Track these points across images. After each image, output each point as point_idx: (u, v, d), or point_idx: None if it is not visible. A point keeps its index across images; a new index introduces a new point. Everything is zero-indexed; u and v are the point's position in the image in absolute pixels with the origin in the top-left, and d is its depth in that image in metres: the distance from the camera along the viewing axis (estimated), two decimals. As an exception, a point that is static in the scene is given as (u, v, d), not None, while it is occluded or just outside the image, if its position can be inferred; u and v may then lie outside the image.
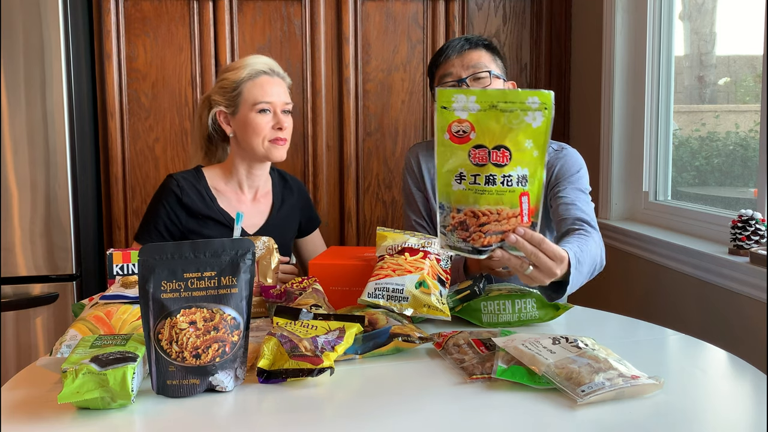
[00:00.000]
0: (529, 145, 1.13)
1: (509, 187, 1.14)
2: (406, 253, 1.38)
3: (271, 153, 1.72)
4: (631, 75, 2.30)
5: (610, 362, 1.05)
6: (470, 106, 1.13)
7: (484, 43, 1.71)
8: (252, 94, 1.70)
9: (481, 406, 1.00)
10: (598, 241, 1.49)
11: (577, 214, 1.55)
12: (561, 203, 1.60)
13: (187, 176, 1.75)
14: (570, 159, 1.69)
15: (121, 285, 1.29)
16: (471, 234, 1.17)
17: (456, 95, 1.14)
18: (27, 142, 2.12)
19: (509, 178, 1.14)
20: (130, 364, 0.99)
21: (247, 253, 1.10)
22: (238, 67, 1.73)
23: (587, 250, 1.40)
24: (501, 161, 1.14)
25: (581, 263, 1.33)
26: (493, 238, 1.17)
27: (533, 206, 1.16)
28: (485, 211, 1.16)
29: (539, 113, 1.12)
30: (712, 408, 1.05)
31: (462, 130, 1.14)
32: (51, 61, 2.11)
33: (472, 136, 1.14)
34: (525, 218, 1.16)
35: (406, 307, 1.29)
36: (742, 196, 1.91)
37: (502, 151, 1.13)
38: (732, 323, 1.70)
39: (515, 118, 1.12)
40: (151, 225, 1.72)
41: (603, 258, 1.50)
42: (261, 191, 1.82)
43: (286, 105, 1.74)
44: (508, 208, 1.15)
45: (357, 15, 2.48)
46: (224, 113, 1.74)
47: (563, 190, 1.63)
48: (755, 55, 1.87)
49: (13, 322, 2.15)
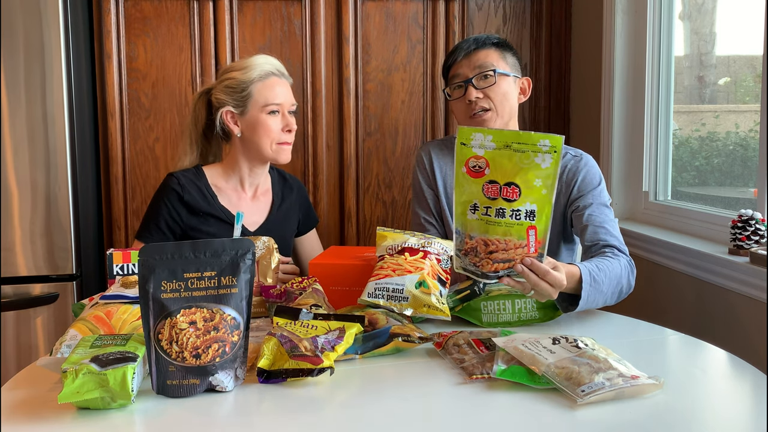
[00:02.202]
0: (539, 183, 1.23)
1: (517, 221, 1.25)
2: (406, 253, 1.38)
3: (279, 155, 1.74)
4: (631, 75, 2.30)
5: (610, 362, 1.05)
6: (486, 144, 1.25)
7: (493, 41, 1.71)
8: (263, 95, 1.71)
9: (481, 406, 1.00)
10: (625, 264, 1.51)
11: (608, 240, 1.56)
12: (590, 224, 1.59)
13: (187, 174, 1.76)
14: (592, 170, 1.68)
15: (121, 285, 1.29)
16: (481, 260, 1.28)
17: (474, 134, 1.26)
18: (27, 142, 2.12)
19: (518, 213, 1.24)
20: (130, 364, 0.99)
21: (247, 253, 1.10)
22: (245, 66, 1.73)
23: (608, 270, 1.44)
24: (511, 197, 1.24)
25: (597, 282, 1.39)
26: (500, 265, 1.27)
27: (540, 239, 1.26)
28: (494, 240, 1.27)
29: (548, 155, 1.22)
30: (712, 408, 1.05)
31: (478, 165, 1.26)
32: (51, 61, 2.11)
33: (486, 171, 1.26)
34: (532, 249, 1.26)
35: (406, 307, 1.30)
36: (742, 196, 1.91)
37: (513, 188, 1.24)
38: (732, 323, 1.70)
39: (526, 159, 1.23)
40: (152, 223, 1.73)
41: (631, 281, 1.52)
42: (261, 189, 1.83)
43: (293, 106, 1.76)
44: (516, 239, 1.26)
45: (357, 15, 2.48)
46: (232, 113, 1.73)
47: (589, 207, 1.62)
48: (755, 55, 1.87)
49: (13, 322, 2.15)
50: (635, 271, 1.54)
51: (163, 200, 1.72)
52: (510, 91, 1.70)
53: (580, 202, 1.64)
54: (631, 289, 1.53)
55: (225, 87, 1.73)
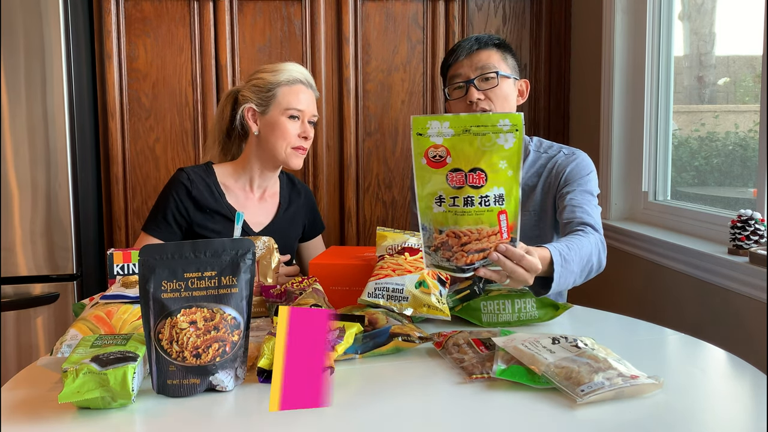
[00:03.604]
0: (503, 165, 1.18)
1: (487, 207, 1.19)
2: (406, 253, 1.38)
3: (291, 160, 1.76)
4: (631, 75, 2.30)
5: (609, 362, 1.05)
6: (444, 132, 1.18)
7: (495, 42, 1.71)
8: (286, 99, 1.74)
9: (481, 406, 1.00)
10: (595, 242, 1.50)
11: (583, 217, 1.56)
12: (568, 205, 1.61)
13: (197, 170, 1.79)
14: (581, 162, 1.70)
15: (122, 285, 1.30)
16: (454, 254, 1.21)
17: (430, 122, 1.19)
18: (27, 142, 2.12)
19: (486, 199, 1.19)
20: (131, 363, 0.99)
21: (248, 253, 1.11)
22: (276, 70, 1.77)
23: (578, 248, 1.42)
24: (477, 183, 1.19)
25: (568, 261, 1.37)
26: (475, 256, 1.21)
27: (512, 223, 1.21)
28: (466, 231, 1.21)
29: (510, 135, 1.17)
30: (712, 408, 1.05)
31: (438, 155, 1.19)
32: (51, 61, 2.11)
33: (448, 160, 1.19)
34: (504, 235, 1.21)
35: (406, 307, 1.30)
36: (742, 196, 1.91)
37: (478, 174, 1.18)
38: (732, 323, 1.70)
39: (488, 141, 1.17)
40: (159, 215, 1.75)
41: (602, 259, 1.51)
42: (269, 191, 1.85)
43: (314, 116, 1.79)
44: (488, 227, 1.20)
45: (357, 15, 2.48)
46: (253, 110, 1.77)
47: (571, 192, 1.64)
48: (755, 55, 1.87)
49: (14, 322, 2.15)
50: (606, 250, 1.53)
51: (172, 193, 1.74)
52: (510, 93, 1.70)
53: (565, 189, 1.65)
54: (601, 268, 1.51)
55: (252, 86, 1.78)
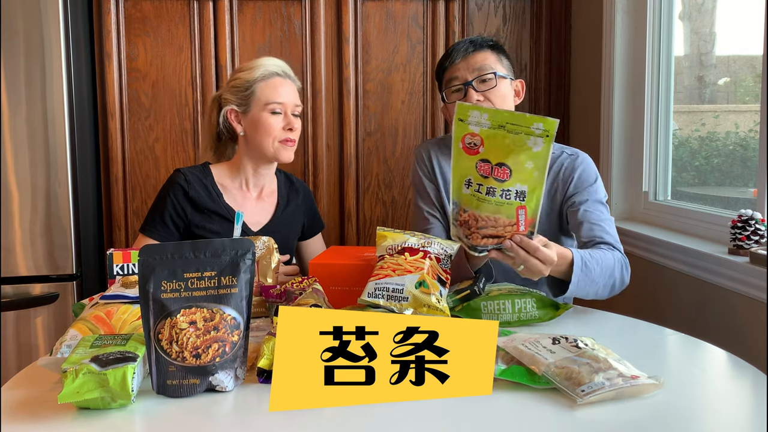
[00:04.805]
0: (530, 165, 1.25)
1: (507, 200, 1.28)
2: (406, 253, 1.38)
3: (280, 154, 1.75)
4: (631, 75, 2.30)
5: (609, 362, 1.05)
6: (483, 122, 1.27)
7: (489, 43, 1.71)
8: (265, 95, 1.73)
9: (481, 406, 1.00)
10: (618, 258, 1.53)
11: (603, 237, 1.58)
12: (585, 221, 1.60)
13: (194, 171, 1.78)
14: (588, 168, 1.69)
15: (122, 285, 1.29)
16: (471, 233, 1.33)
17: (472, 111, 1.28)
18: (27, 142, 2.12)
19: (508, 193, 1.27)
20: (131, 364, 0.99)
21: (247, 253, 1.10)
22: (251, 67, 1.76)
23: (600, 259, 1.46)
24: (502, 177, 1.27)
25: (588, 268, 1.42)
26: (489, 240, 1.31)
27: (530, 218, 1.29)
28: (484, 217, 1.31)
29: (540, 139, 1.24)
30: (712, 408, 1.05)
31: (474, 143, 1.29)
32: (51, 61, 2.11)
33: (480, 150, 1.29)
34: (522, 227, 1.29)
35: (406, 307, 1.30)
36: (742, 196, 1.91)
37: (503, 169, 1.27)
38: (732, 323, 1.70)
39: (519, 141, 1.25)
40: (157, 216, 1.74)
41: (624, 276, 1.54)
42: (266, 190, 1.84)
43: (297, 107, 1.77)
44: (505, 218, 1.29)
45: (357, 15, 2.48)
46: (235, 112, 1.76)
47: (585, 204, 1.63)
48: (755, 55, 1.87)
49: (14, 322, 2.15)
50: (629, 269, 1.55)
51: (169, 194, 1.74)
52: (507, 93, 1.70)
53: (575, 198, 1.65)
54: (624, 285, 1.55)
55: (231, 87, 1.77)
